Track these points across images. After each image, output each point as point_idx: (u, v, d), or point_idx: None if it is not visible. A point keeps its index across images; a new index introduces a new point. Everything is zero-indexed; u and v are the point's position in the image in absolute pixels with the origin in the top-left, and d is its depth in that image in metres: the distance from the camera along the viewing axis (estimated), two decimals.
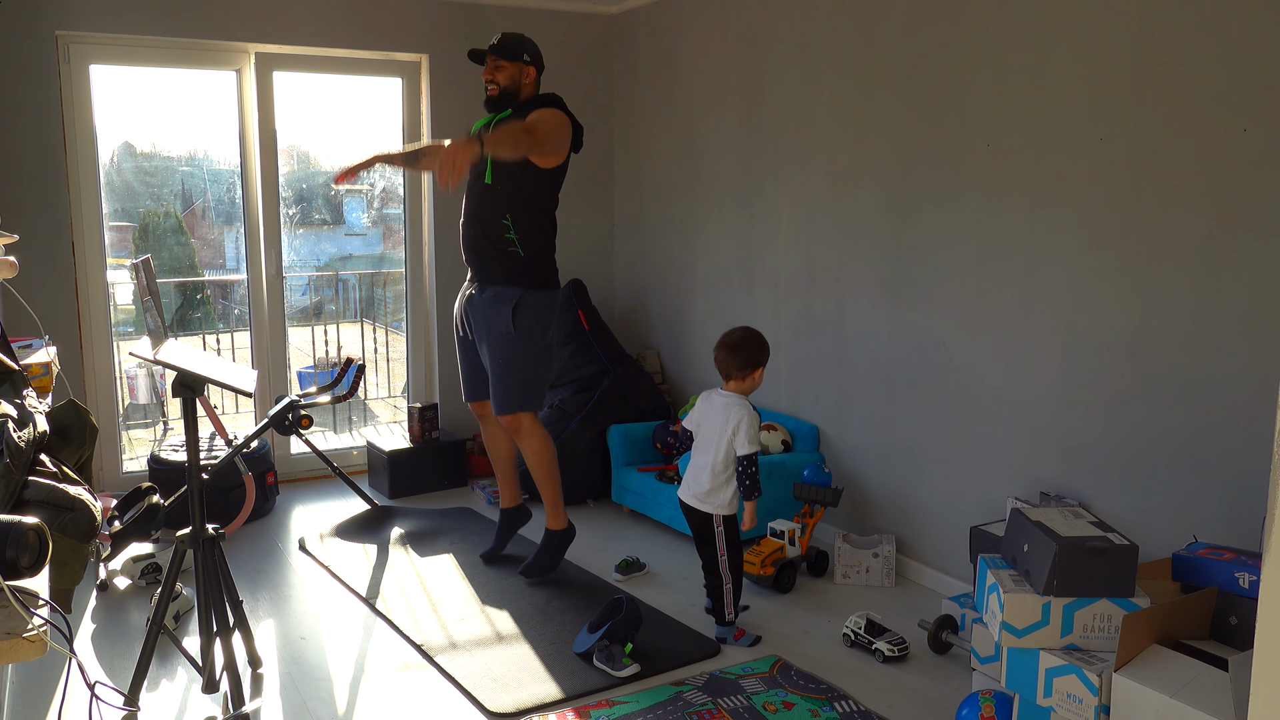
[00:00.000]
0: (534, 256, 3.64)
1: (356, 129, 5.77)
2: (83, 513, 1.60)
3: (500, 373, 3.69)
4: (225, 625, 2.67)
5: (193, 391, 2.58)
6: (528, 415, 3.73)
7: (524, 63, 3.65)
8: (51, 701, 2.88)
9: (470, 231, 3.69)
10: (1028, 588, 2.40)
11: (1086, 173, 3.12)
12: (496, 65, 3.64)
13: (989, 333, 3.49)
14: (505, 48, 3.64)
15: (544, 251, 3.69)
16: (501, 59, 3.63)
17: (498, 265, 3.64)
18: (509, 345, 3.65)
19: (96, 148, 4.56)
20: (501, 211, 3.61)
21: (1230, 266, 2.77)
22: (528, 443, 3.76)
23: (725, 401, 3.27)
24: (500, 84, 3.64)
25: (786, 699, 2.92)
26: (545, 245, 3.69)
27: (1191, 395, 2.89)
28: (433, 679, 3.08)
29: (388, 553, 4.13)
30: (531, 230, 3.63)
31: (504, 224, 3.60)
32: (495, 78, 3.65)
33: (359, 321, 6.62)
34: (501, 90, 3.64)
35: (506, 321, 3.62)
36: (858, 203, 3.98)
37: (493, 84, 3.65)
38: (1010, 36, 3.31)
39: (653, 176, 5.29)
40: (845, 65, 3.98)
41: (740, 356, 3.27)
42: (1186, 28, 2.82)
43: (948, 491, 3.70)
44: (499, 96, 3.65)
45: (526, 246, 3.63)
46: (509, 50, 3.63)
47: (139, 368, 6.02)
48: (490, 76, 3.66)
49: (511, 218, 3.60)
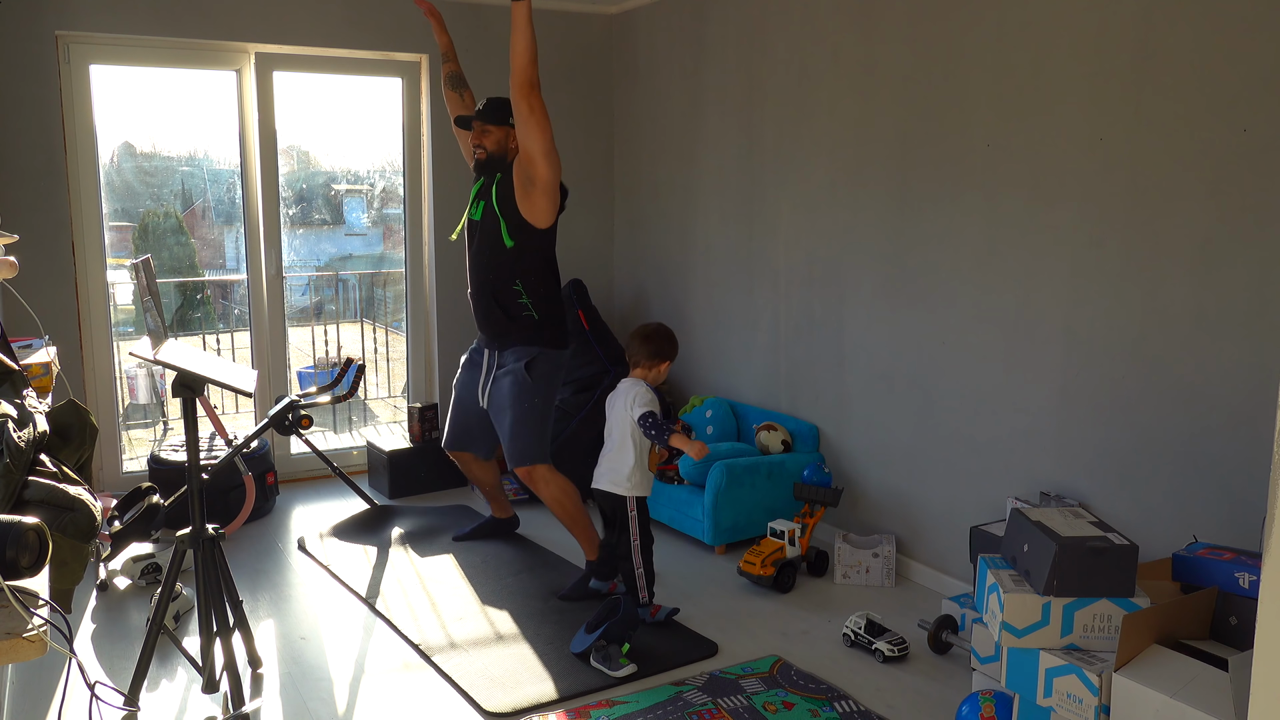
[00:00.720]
0: (547, 318, 3.75)
1: (356, 129, 5.77)
2: (83, 513, 1.60)
3: (516, 424, 3.72)
4: (225, 625, 2.67)
5: (193, 391, 2.58)
6: (543, 466, 3.77)
7: (510, 126, 3.72)
8: (51, 701, 2.88)
9: (483, 305, 3.78)
10: (1028, 588, 2.40)
11: (1086, 173, 3.12)
12: (484, 130, 3.73)
13: (989, 333, 3.49)
14: (492, 113, 3.72)
15: (556, 312, 3.79)
16: (488, 124, 3.72)
17: (514, 331, 3.73)
18: (526, 396, 3.71)
19: (96, 148, 4.56)
20: (511, 279, 3.69)
21: (1230, 266, 2.77)
22: (546, 490, 3.78)
23: (625, 386, 3.43)
24: (488, 149, 3.73)
25: (786, 699, 2.92)
26: (555, 304, 3.79)
27: (1191, 395, 2.89)
28: (432, 679, 3.08)
29: (387, 553, 4.13)
30: (542, 291, 3.73)
31: (515, 290, 3.70)
32: (483, 142, 3.73)
33: (359, 321, 6.62)
34: (489, 155, 3.73)
35: (522, 372, 3.70)
36: (858, 203, 3.98)
37: (480, 149, 3.74)
38: (1010, 36, 3.31)
39: (653, 176, 5.29)
40: (845, 65, 3.98)
41: (650, 346, 3.43)
42: (1187, 28, 2.82)
43: (948, 491, 3.70)
44: (487, 160, 3.74)
45: (540, 309, 3.73)
46: (495, 115, 3.71)
47: (139, 368, 6.02)
48: (478, 141, 3.74)
49: (522, 284, 3.69)
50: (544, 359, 3.73)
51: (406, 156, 5.27)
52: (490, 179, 3.75)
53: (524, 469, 3.75)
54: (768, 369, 4.56)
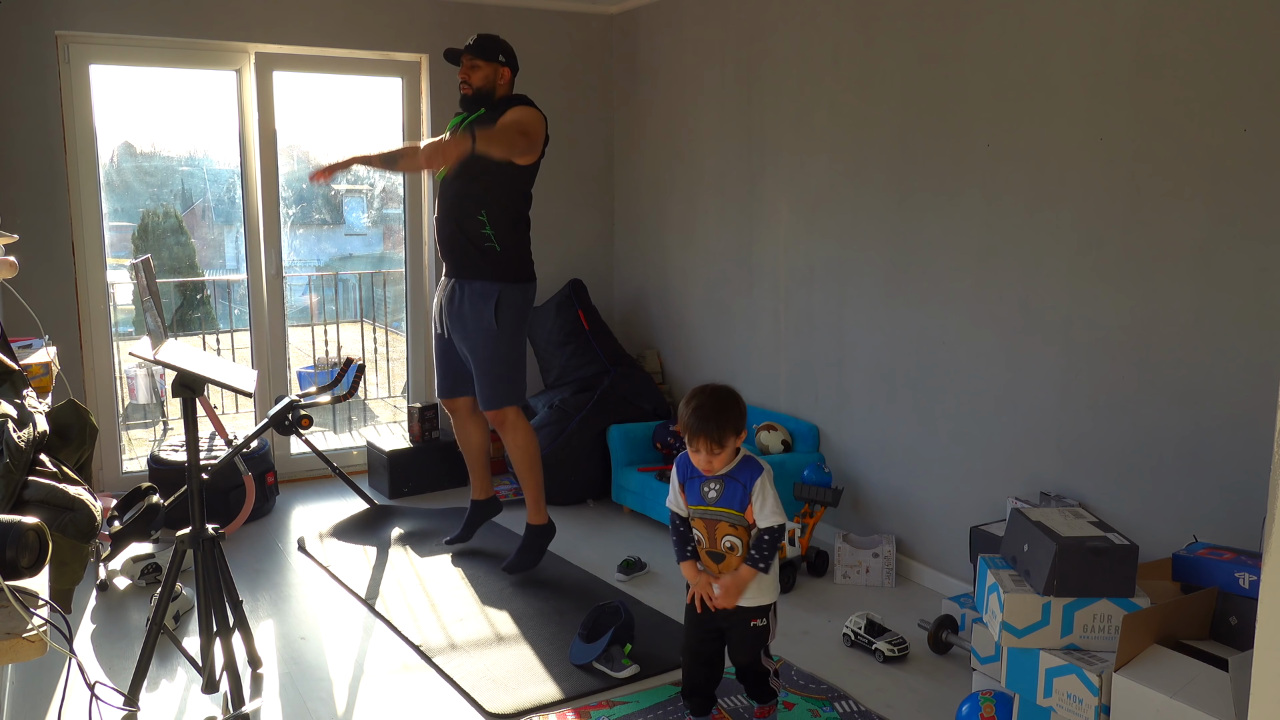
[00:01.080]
0: (510, 252, 3.70)
1: (356, 129, 5.77)
2: (83, 513, 1.60)
3: (485, 369, 3.74)
4: (225, 625, 2.67)
5: (193, 391, 2.58)
6: (512, 409, 3.79)
7: (499, 63, 3.72)
8: (51, 701, 2.88)
9: (446, 229, 3.73)
10: (1028, 588, 2.40)
11: (1086, 173, 3.12)
12: (472, 65, 3.70)
13: (989, 333, 3.49)
14: (481, 48, 3.69)
15: (520, 246, 3.74)
16: (477, 59, 3.69)
17: (475, 261, 3.69)
18: (493, 342, 3.70)
19: (96, 148, 4.56)
20: (476, 209, 3.65)
21: (1230, 266, 2.77)
22: (512, 435, 3.81)
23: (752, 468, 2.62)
24: (474, 84, 3.71)
25: (786, 699, 2.92)
26: (521, 240, 3.75)
27: (1191, 395, 2.89)
28: (432, 680, 3.08)
29: (387, 553, 4.13)
30: (506, 226, 3.69)
31: (480, 220, 3.65)
32: (470, 78, 3.71)
33: (359, 321, 6.62)
34: (475, 90, 3.71)
35: (490, 318, 3.67)
36: (858, 203, 3.98)
37: (466, 84, 3.72)
38: (1010, 36, 3.31)
39: (653, 176, 5.29)
40: (845, 65, 3.98)
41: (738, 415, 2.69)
42: (1186, 28, 2.82)
43: (948, 491, 3.70)
44: (473, 96, 3.71)
45: (502, 242, 3.68)
46: (485, 50, 3.69)
47: (139, 368, 6.02)
48: (465, 76, 3.72)
49: (487, 214, 3.66)
50: (507, 297, 3.68)
51: None
52: (472, 112, 3.73)
53: (494, 412, 3.76)
54: (768, 369, 4.56)
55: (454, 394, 3.98)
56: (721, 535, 2.57)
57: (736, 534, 2.55)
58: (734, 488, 2.54)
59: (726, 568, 2.58)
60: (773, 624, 2.65)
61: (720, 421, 2.48)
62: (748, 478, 2.53)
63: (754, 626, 2.61)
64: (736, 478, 2.54)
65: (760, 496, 2.51)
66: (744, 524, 2.54)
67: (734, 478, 2.54)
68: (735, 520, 2.54)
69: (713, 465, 2.52)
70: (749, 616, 2.60)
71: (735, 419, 2.51)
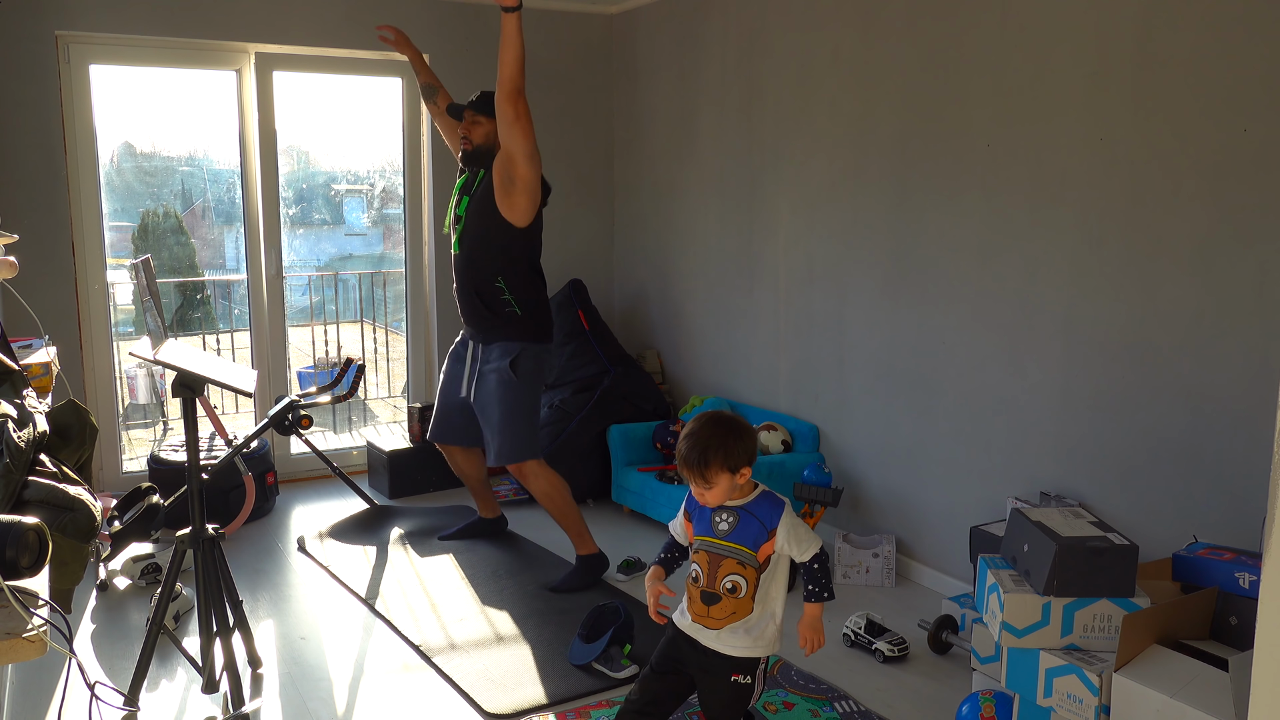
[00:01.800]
0: (531, 312, 3.74)
1: (356, 129, 5.77)
2: (83, 513, 1.60)
3: (503, 423, 3.73)
4: (225, 625, 2.67)
5: (193, 391, 2.58)
6: (533, 461, 3.78)
7: None
8: (51, 701, 2.88)
9: (467, 301, 3.78)
10: (1028, 588, 2.40)
11: (1086, 173, 3.12)
12: (474, 120, 3.72)
13: (989, 333, 3.49)
14: (485, 104, 3.70)
15: (539, 306, 3.79)
16: (479, 115, 3.71)
17: (498, 325, 3.73)
18: (512, 393, 3.71)
19: (96, 148, 4.56)
20: (493, 275, 3.69)
21: (1230, 266, 2.77)
22: (537, 485, 3.79)
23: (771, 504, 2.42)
24: (475, 141, 3.73)
25: (786, 699, 2.92)
26: (539, 299, 3.79)
27: (1191, 395, 2.89)
28: (432, 680, 3.08)
29: (387, 553, 4.13)
30: (524, 287, 3.73)
31: (498, 287, 3.70)
32: (470, 134, 3.73)
33: (359, 321, 6.62)
34: (475, 147, 3.73)
35: (507, 370, 3.70)
36: (858, 203, 3.98)
37: (467, 140, 3.74)
38: (1010, 36, 3.31)
39: (653, 176, 5.29)
40: (845, 65, 3.98)
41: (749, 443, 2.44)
42: (1186, 28, 2.82)
43: (948, 491, 3.70)
44: (474, 152, 3.73)
45: (523, 305, 3.73)
46: (488, 107, 3.68)
47: (139, 368, 6.02)
48: (466, 132, 3.74)
49: (504, 280, 3.70)
50: (527, 354, 3.72)
51: (406, 156, 5.27)
52: (474, 174, 3.76)
53: (515, 466, 3.76)
54: (768, 369, 4.56)
55: (446, 440, 4.06)
56: (725, 574, 2.28)
57: (744, 574, 2.28)
58: (749, 523, 2.29)
59: (719, 612, 2.28)
60: (759, 684, 2.36)
61: (706, 453, 2.23)
62: (767, 516, 2.29)
63: (735, 682, 2.31)
64: (754, 513, 2.30)
65: (792, 535, 2.28)
66: (754, 564, 2.28)
67: (751, 513, 2.30)
68: (745, 559, 2.28)
69: (706, 499, 2.30)
70: (731, 668, 2.30)
71: (730, 451, 2.24)
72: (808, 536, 2.30)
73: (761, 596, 2.30)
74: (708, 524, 2.33)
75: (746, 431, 2.30)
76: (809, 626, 2.34)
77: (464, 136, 3.75)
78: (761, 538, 2.28)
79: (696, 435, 2.27)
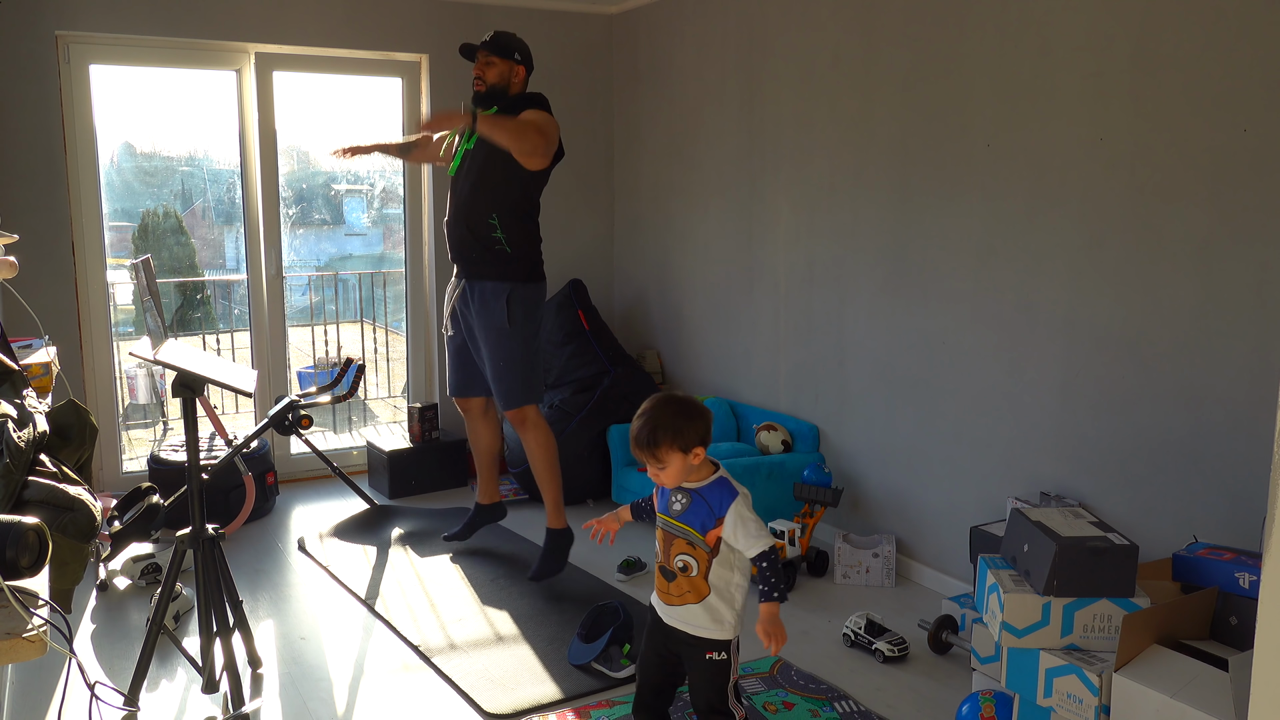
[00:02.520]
0: (520, 251, 3.70)
1: (356, 129, 5.77)
2: (83, 513, 1.60)
3: (502, 369, 3.73)
4: (225, 625, 2.67)
5: (193, 391, 2.58)
6: (532, 408, 3.78)
7: (515, 61, 3.70)
8: (51, 701, 2.88)
9: (457, 232, 3.74)
10: (1028, 588, 2.40)
11: (1086, 173, 3.12)
12: (488, 61, 3.68)
13: (989, 333, 3.49)
14: (498, 44, 3.67)
15: (530, 248, 3.74)
16: (493, 55, 3.67)
17: (486, 262, 3.69)
18: (507, 340, 3.69)
19: (96, 148, 4.56)
20: (488, 212, 3.65)
21: (1230, 266, 2.77)
22: (533, 435, 3.80)
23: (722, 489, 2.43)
24: (489, 81, 3.68)
25: (786, 699, 2.92)
26: (531, 242, 3.75)
27: (1191, 395, 2.89)
28: (432, 680, 3.08)
29: (387, 553, 4.13)
30: (517, 229, 3.69)
31: (490, 224, 3.65)
32: (484, 74, 3.68)
33: (359, 321, 6.62)
34: (489, 87, 3.68)
35: (501, 317, 3.66)
36: (858, 203, 3.98)
37: (480, 80, 3.69)
38: (1010, 36, 3.31)
39: (653, 176, 5.29)
40: (845, 65, 3.98)
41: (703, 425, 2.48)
42: (1186, 28, 2.82)
43: (948, 491, 3.70)
44: (486, 93, 3.68)
45: (513, 244, 3.68)
46: (501, 47, 3.67)
47: (139, 368, 6.02)
48: (480, 72, 3.69)
49: (498, 218, 3.65)
50: (518, 297, 3.68)
51: None
52: (484, 108, 3.67)
53: (514, 411, 3.76)
54: (768, 369, 4.56)
55: (466, 393, 3.97)
56: (676, 553, 2.32)
57: (694, 555, 2.30)
58: (699, 507, 2.30)
59: (676, 589, 2.33)
60: (734, 661, 2.37)
61: (656, 433, 2.24)
62: (717, 501, 2.29)
63: (710, 660, 2.34)
64: (705, 498, 2.30)
65: (738, 525, 2.27)
66: (704, 547, 2.29)
67: (703, 497, 2.30)
68: (694, 541, 2.30)
69: (661, 479, 2.31)
70: (705, 647, 2.34)
71: (679, 431, 2.24)
72: (757, 532, 2.28)
73: (719, 582, 2.31)
74: (665, 502, 2.37)
75: (699, 412, 2.31)
76: (765, 626, 2.31)
77: (477, 76, 3.70)
78: (709, 523, 2.29)
79: (648, 414, 2.28)
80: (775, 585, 2.29)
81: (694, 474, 2.33)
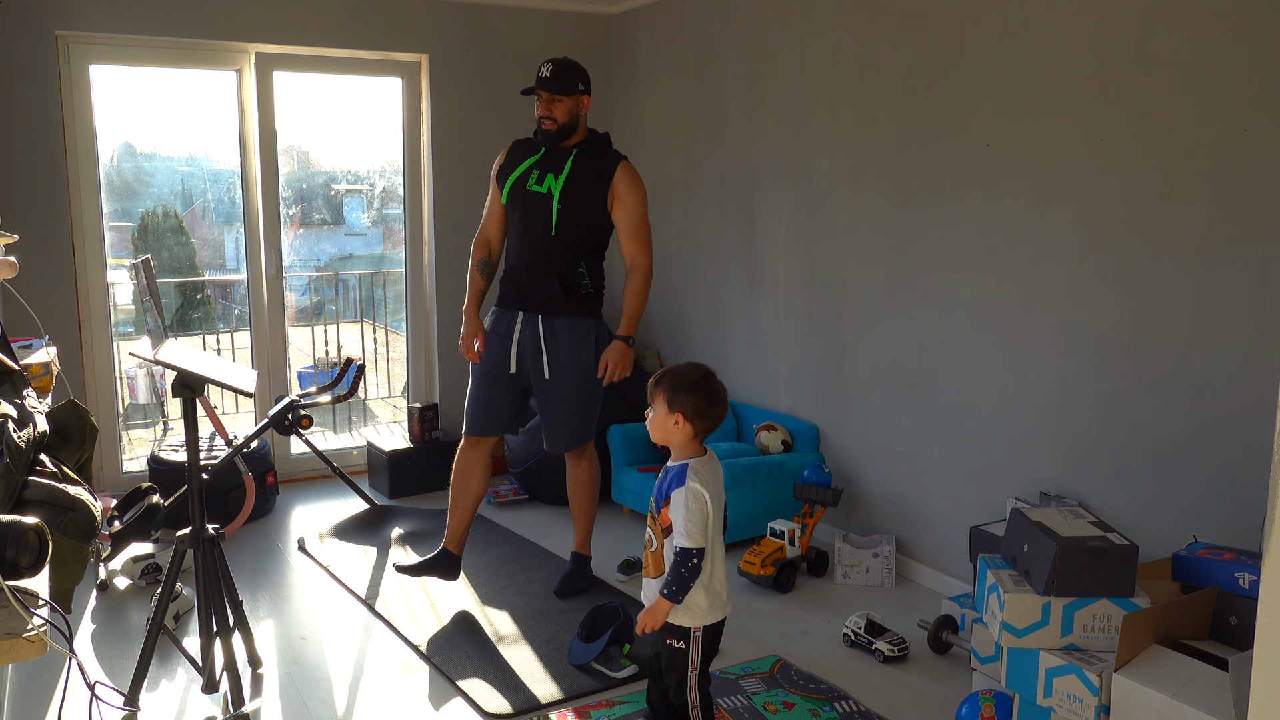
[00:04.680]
0: (598, 288, 3.64)
1: (356, 129, 5.77)
2: (83, 513, 1.60)
3: (579, 408, 3.62)
4: (225, 625, 2.67)
5: (193, 391, 2.58)
6: (591, 441, 3.76)
7: (579, 93, 3.49)
8: (51, 701, 2.88)
9: (541, 280, 3.54)
10: (1028, 588, 2.40)
11: (1086, 173, 3.12)
12: (553, 100, 3.47)
13: (989, 333, 3.49)
14: (560, 83, 3.44)
15: (603, 281, 3.69)
16: (558, 94, 3.45)
17: (570, 303, 3.56)
18: (589, 380, 3.59)
19: (96, 148, 4.56)
20: (576, 262, 3.55)
21: (1230, 266, 2.77)
22: (588, 466, 3.76)
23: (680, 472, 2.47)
24: (559, 120, 3.47)
25: (786, 699, 2.92)
26: (603, 276, 3.69)
27: (1191, 395, 2.89)
28: (431, 680, 3.08)
29: (387, 553, 4.13)
30: (597, 269, 3.63)
31: (580, 271, 3.56)
32: (552, 112, 3.47)
33: (359, 321, 6.62)
34: (560, 126, 3.48)
35: (588, 356, 3.56)
36: (858, 203, 3.98)
37: (550, 119, 3.47)
38: (1010, 36, 3.31)
39: (653, 176, 5.28)
40: (845, 65, 3.98)
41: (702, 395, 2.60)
42: (1186, 28, 2.82)
43: (948, 491, 3.70)
44: (558, 131, 3.49)
45: (594, 283, 3.62)
46: (564, 84, 3.45)
47: (139, 368, 6.02)
48: (547, 112, 3.47)
49: (587, 266, 3.58)
50: (603, 333, 3.63)
51: (406, 156, 5.27)
52: (554, 148, 3.52)
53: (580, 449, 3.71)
54: (768, 369, 4.56)
55: (488, 432, 3.69)
56: (649, 523, 2.48)
57: (653, 529, 2.44)
58: (662, 483, 2.41)
59: (647, 562, 2.48)
60: (694, 652, 2.43)
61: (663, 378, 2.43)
62: (670, 485, 2.38)
63: (670, 645, 2.45)
64: (668, 476, 2.41)
65: (676, 511, 2.33)
66: (659, 524, 2.42)
67: (668, 474, 2.42)
68: (654, 514, 2.45)
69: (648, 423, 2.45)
70: (666, 632, 2.45)
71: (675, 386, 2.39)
72: (685, 528, 2.32)
73: None
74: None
75: (705, 393, 2.40)
76: (647, 612, 2.41)
77: (545, 116, 3.48)
78: (660, 502, 2.41)
79: (680, 366, 2.47)
80: (672, 583, 2.36)
81: (679, 449, 2.43)
